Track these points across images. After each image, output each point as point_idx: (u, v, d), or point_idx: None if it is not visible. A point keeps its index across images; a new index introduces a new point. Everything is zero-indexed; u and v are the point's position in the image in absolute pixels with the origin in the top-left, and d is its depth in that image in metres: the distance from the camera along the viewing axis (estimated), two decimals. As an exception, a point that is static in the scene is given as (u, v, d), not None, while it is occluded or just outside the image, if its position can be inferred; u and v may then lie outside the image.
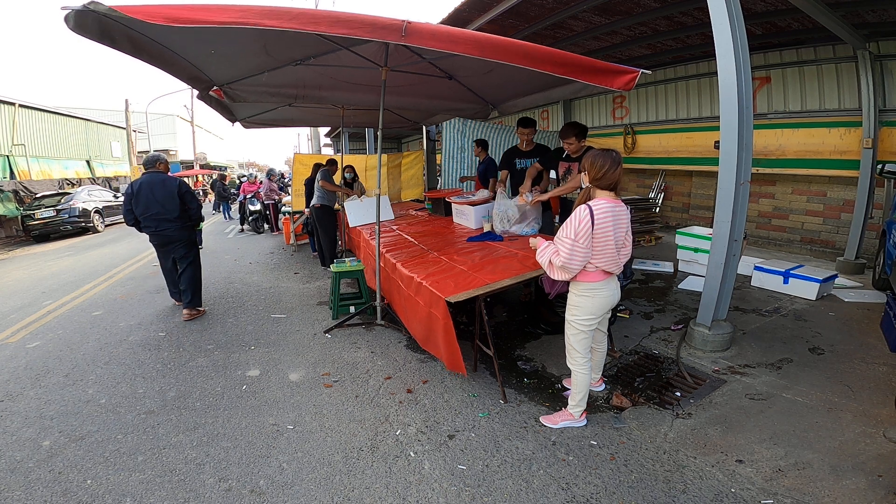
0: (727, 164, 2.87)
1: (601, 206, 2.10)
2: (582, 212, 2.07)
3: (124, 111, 18.98)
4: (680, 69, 7.50)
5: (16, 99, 14.20)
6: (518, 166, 4.23)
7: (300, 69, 3.61)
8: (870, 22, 4.73)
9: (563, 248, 2.10)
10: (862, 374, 2.76)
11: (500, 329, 3.77)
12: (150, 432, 2.51)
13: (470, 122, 7.83)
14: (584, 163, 2.21)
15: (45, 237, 11.60)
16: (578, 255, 2.08)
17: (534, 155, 4.19)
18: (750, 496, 1.86)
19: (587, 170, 2.18)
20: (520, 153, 4.26)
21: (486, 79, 4.01)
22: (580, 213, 2.07)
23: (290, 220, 8.26)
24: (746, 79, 2.81)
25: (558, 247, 2.13)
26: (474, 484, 2.01)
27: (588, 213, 2.06)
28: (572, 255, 2.09)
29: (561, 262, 2.13)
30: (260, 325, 4.13)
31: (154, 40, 2.50)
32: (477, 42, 2.31)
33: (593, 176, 2.15)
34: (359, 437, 2.38)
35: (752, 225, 6.73)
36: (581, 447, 2.23)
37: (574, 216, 2.08)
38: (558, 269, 2.20)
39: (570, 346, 2.32)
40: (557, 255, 2.14)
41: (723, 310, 3.14)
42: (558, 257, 2.13)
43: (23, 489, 2.08)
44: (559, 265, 2.15)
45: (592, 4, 4.93)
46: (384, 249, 3.90)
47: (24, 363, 3.51)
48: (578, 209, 2.09)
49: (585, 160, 2.20)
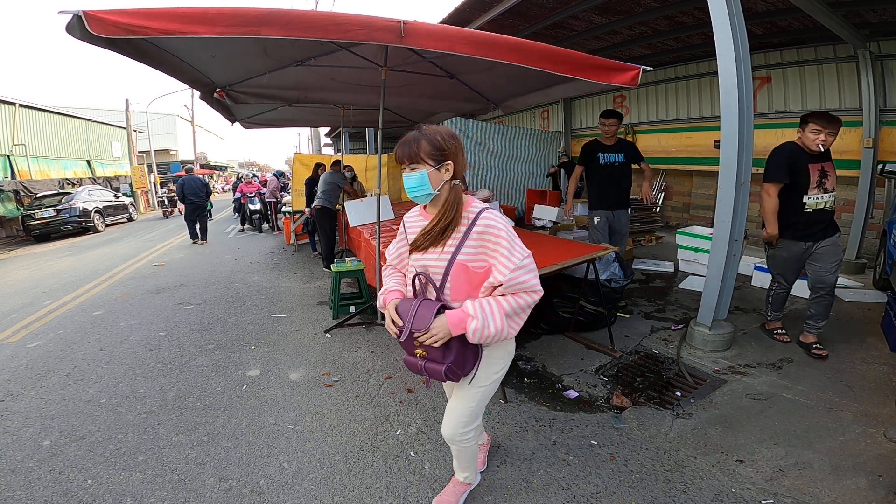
0: (727, 163, 2.87)
1: None
2: (500, 215, 1.46)
3: (125, 111, 18.97)
4: (680, 69, 7.50)
5: (16, 99, 14.20)
6: (602, 161, 3.90)
7: (301, 70, 3.61)
8: (871, 22, 4.73)
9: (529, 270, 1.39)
10: (862, 374, 2.76)
11: (501, 329, 3.76)
12: (150, 432, 2.51)
13: (472, 123, 7.84)
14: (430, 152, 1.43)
15: (46, 237, 11.60)
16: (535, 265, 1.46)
17: (618, 150, 3.91)
18: (750, 496, 1.86)
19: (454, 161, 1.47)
20: (602, 147, 3.93)
21: (487, 77, 4.00)
22: (502, 217, 1.45)
23: (290, 220, 8.27)
24: (747, 78, 2.81)
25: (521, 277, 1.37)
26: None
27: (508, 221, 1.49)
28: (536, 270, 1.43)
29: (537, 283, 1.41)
30: (260, 325, 4.13)
31: (157, 46, 2.51)
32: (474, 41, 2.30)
33: (463, 168, 1.51)
34: (359, 437, 2.38)
35: (753, 225, 6.73)
36: (581, 447, 2.23)
37: (504, 225, 1.41)
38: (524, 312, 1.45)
39: (473, 415, 1.63)
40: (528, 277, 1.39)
41: (723, 310, 3.14)
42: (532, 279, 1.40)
43: (23, 489, 2.08)
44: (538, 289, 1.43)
45: (593, 4, 4.93)
46: (385, 249, 3.90)
47: (25, 363, 3.51)
48: (491, 218, 1.41)
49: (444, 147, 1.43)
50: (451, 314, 1.39)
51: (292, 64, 3.46)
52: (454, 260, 1.42)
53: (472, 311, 1.37)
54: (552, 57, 2.45)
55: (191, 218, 8.97)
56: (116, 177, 19.02)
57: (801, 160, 2.86)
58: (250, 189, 11.13)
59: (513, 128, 8.87)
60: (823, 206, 2.90)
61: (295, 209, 7.97)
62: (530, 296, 1.41)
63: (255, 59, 3.20)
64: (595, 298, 3.35)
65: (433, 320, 1.39)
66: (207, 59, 3.01)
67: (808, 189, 2.87)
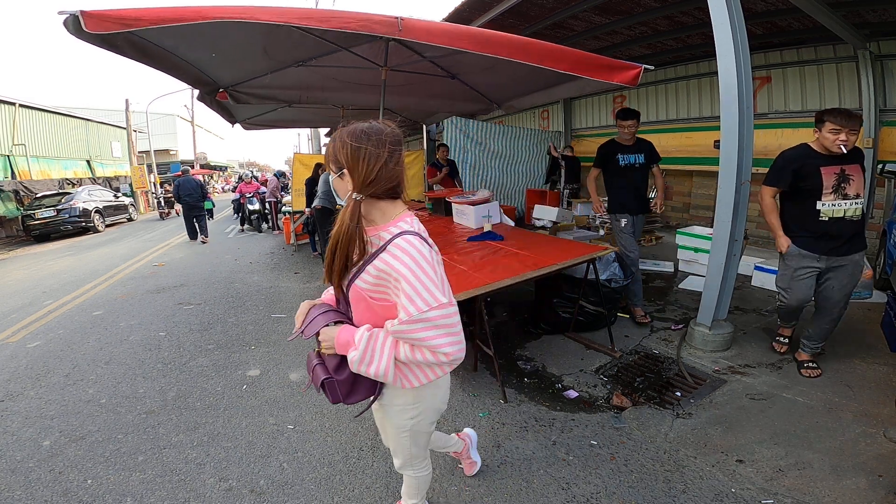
0: (727, 164, 2.87)
1: (425, 230, 1.23)
2: (418, 244, 1.12)
3: (124, 111, 18.97)
4: (680, 69, 7.49)
5: (16, 99, 14.19)
6: (622, 162, 3.64)
7: (302, 70, 3.62)
8: (870, 22, 4.73)
9: (434, 326, 1.09)
10: (862, 374, 2.76)
11: (500, 329, 3.77)
12: (150, 432, 2.51)
13: (472, 122, 7.84)
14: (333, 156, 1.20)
15: (46, 237, 11.60)
16: (456, 319, 1.14)
17: (638, 150, 3.67)
18: (750, 496, 1.86)
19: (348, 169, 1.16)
20: (622, 147, 3.67)
21: (489, 77, 4.01)
22: (420, 247, 1.11)
23: (290, 220, 8.27)
24: (747, 78, 2.81)
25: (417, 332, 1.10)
26: (474, 484, 2.01)
27: (427, 246, 1.15)
28: (455, 324, 1.13)
29: (446, 345, 1.11)
30: (260, 325, 4.13)
31: (158, 45, 2.51)
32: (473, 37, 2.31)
33: (368, 179, 1.14)
34: (359, 437, 2.38)
35: (753, 225, 6.72)
36: (581, 447, 2.23)
37: (412, 262, 1.09)
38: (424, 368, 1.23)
39: (411, 455, 1.48)
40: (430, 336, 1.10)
41: (723, 310, 3.14)
42: (436, 339, 1.10)
43: (23, 489, 2.08)
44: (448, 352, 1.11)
45: (592, 4, 4.93)
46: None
47: (25, 363, 3.51)
48: (398, 250, 1.11)
49: (339, 151, 1.17)
50: (342, 333, 1.21)
51: (294, 64, 3.47)
52: (351, 284, 1.22)
53: (356, 341, 1.17)
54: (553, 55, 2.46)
55: (188, 218, 9.32)
56: (116, 177, 19.02)
57: (811, 163, 2.57)
58: (249, 189, 11.13)
59: (513, 128, 8.87)
60: (843, 215, 2.54)
61: (295, 209, 7.97)
62: (435, 356, 1.11)
63: (257, 59, 3.20)
64: (595, 298, 3.35)
65: (323, 330, 1.25)
66: (209, 58, 3.01)
67: (821, 194, 2.56)
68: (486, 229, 4.14)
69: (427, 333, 1.10)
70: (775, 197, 2.75)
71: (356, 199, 1.15)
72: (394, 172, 1.18)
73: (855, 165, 2.55)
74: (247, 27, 2.40)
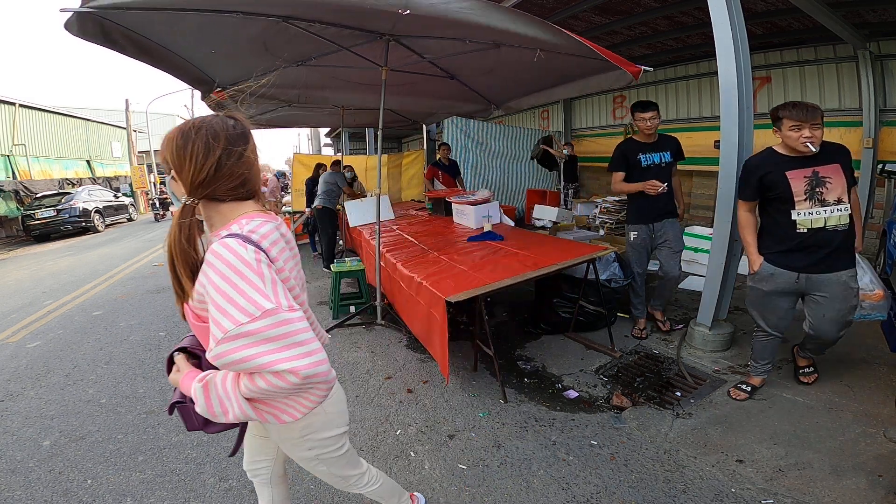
0: (727, 164, 2.87)
1: (264, 229, 1.02)
2: (234, 245, 0.93)
3: (125, 111, 19.00)
4: (680, 69, 7.50)
5: (16, 99, 14.21)
6: (644, 163, 3.18)
7: (302, 70, 3.62)
8: (870, 22, 4.73)
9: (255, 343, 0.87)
10: (862, 374, 2.76)
11: (501, 329, 3.77)
12: (150, 432, 2.51)
13: (472, 122, 7.85)
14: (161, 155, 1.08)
15: (46, 237, 11.61)
16: (305, 332, 0.92)
17: (663, 147, 3.23)
18: (750, 496, 1.86)
19: (175, 169, 1.03)
20: (642, 146, 3.22)
21: (488, 78, 4.01)
22: (235, 248, 0.93)
23: (290, 220, 8.27)
24: (747, 78, 2.81)
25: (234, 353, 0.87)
26: (474, 484, 2.01)
27: (254, 251, 0.94)
28: (296, 332, 0.90)
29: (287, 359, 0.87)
30: (260, 325, 4.12)
31: (156, 42, 2.51)
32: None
33: (197, 179, 1.00)
34: (359, 437, 2.38)
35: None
36: (581, 447, 2.23)
37: (223, 268, 0.91)
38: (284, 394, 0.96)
39: (341, 479, 1.36)
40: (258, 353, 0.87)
41: (723, 310, 3.14)
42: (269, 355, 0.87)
43: (23, 489, 2.08)
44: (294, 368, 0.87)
45: (592, 4, 4.93)
46: (385, 249, 3.91)
47: (25, 363, 3.51)
48: (212, 256, 0.93)
49: (165, 149, 1.04)
50: (185, 380, 1.02)
51: (294, 64, 3.46)
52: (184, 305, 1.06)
53: (193, 395, 0.97)
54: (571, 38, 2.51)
55: None
56: (116, 177, 19.06)
57: (776, 169, 2.24)
58: None
59: (513, 128, 8.87)
60: (824, 225, 2.17)
61: (295, 209, 7.97)
62: (280, 377, 0.87)
63: (256, 57, 3.20)
64: (595, 298, 3.35)
65: (172, 377, 1.09)
66: (207, 54, 3.00)
67: (793, 203, 2.20)
68: (486, 229, 4.14)
69: (252, 351, 0.87)
70: (755, 210, 2.46)
71: (186, 204, 1.01)
72: (234, 170, 1.03)
73: (832, 166, 2.17)
74: (247, 23, 2.41)
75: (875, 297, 2.38)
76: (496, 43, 2.98)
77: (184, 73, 3.07)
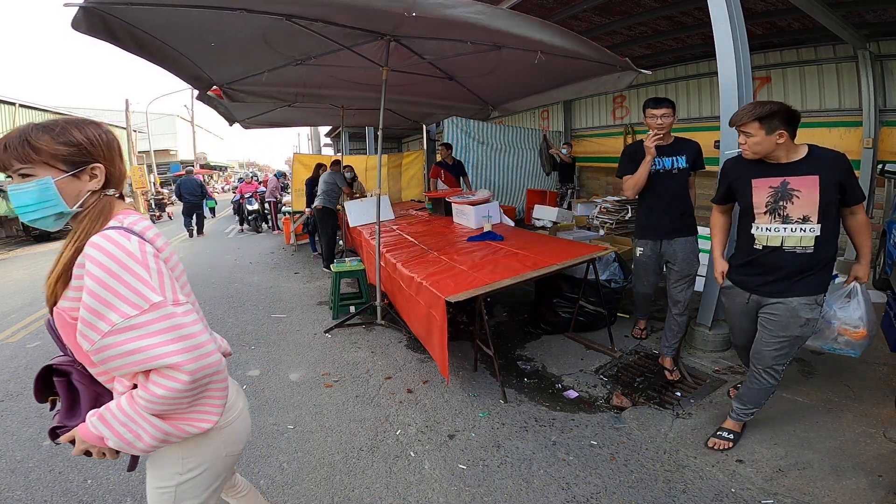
0: (727, 164, 2.86)
1: (143, 225, 0.98)
2: (122, 241, 0.89)
3: (124, 111, 18.96)
4: (680, 69, 7.49)
5: (16, 99, 14.19)
6: (655, 167, 2.77)
7: (301, 69, 3.61)
8: (870, 22, 4.73)
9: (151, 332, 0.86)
10: (862, 374, 2.76)
11: (501, 329, 3.77)
12: (150, 432, 2.50)
13: (472, 122, 7.85)
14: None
15: (46, 237, 11.58)
16: (192, 325, 0.90)
17: (678, 151, 2.80)
18: (750, 496, 1.86)
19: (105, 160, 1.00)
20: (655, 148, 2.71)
21: (486, 80, 4.01)
22: (122, 244, 0.89)
23: (290, 220, 8.27)
24: (747, 79, 2.81)
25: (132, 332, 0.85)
26: (474, 484, 2.01)
27: (138, 241, 0.92)
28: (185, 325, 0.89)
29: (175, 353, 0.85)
30: (260, 325, 4.13)
31: (156, 38, 2.52)
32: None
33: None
34: (359, 437, 2.38)
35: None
36: (581, 447, 2.23)
37: (112, 257, 0.87)
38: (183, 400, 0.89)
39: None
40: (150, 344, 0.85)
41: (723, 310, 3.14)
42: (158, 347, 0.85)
43: (23, 489, 2.08)
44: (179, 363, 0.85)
45: (592, 4, 4.93)
46: (385, 249, 3.91)
47: (25, 363, 3.51)
48: (105, 241, 0.88)
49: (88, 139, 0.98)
50: (79, 428, 0.97)
51: (293, 62, 3.46)
52: (53, 307, 0.95)
53: (95, 428, 0.92)
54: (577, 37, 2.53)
55: (188, 214, 10.14)
56: (116, 177, 19.00)
57: (743, 174, 2.00)
58: (248, 189, 11.19)
59: (513, 128, 8.88)
60: (781, 244, 1.88)
61: (295, 209, 7.97)
62: (170, 378, 0.85)
63: (256, 52, 3.18)
64: (595, 298, 3.35)
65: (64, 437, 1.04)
66: (206, 50, 2.99)
67: (753, 214, 1.96)
68: (486, 229, 4.14)
69: (142, 343, 0.83)
70: (730, 213, 2.34)
71: (108, 196, 1.02)
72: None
73: (808, 178, 1.82)
74: (248, 19, 2.40)
75: (857, 336, 2.13)
76: (498, 45, 2.98)
77: (182, 69, 3.07)
